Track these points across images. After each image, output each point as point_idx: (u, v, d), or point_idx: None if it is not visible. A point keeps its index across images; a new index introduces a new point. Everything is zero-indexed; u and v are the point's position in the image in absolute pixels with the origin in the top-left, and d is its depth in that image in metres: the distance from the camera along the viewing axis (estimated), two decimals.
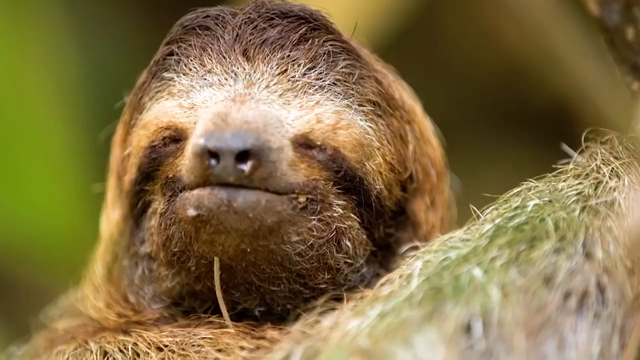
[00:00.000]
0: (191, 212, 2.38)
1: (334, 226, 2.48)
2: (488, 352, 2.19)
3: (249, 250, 2.41)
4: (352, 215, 2.51)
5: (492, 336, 2.20)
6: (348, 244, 2.50)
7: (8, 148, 3.84)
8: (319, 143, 2.46)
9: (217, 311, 2.52)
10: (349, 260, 2.51)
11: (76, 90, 4.12)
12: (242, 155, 2.35)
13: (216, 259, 2.44)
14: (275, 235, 2.41)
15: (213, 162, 2.35)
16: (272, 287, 2.48)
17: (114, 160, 2.66)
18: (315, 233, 2.45)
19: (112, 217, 2.66)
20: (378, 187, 2.53)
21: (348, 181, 2.49)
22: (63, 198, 3.84)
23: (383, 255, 2.58)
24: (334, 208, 2.48)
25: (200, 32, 2.53)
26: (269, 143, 2.38)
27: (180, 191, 2.43)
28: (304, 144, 2.45)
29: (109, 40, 4.33)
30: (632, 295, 2.28)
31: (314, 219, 2.45)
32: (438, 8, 4.45)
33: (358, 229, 2.52)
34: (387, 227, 2.58)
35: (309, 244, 2.45)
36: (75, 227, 3.75)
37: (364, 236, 2.53)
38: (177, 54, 2.53)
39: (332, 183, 2.47)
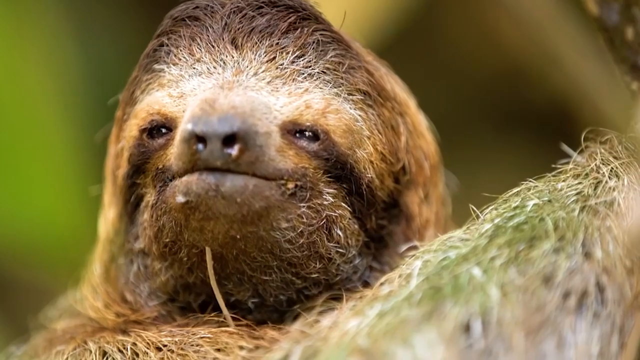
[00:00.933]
0: (180, 198, 2.39)
1: (324, 214, 2.48)
2: (487, 351, 2.19)
3: (238, 236, 2.41)
4: (342, 204, 2.51)
5: (491, 335, 2.20)
6: (339, 233, 2.50)
7: (8, 148, 3.85)
8: (308, 124, 2.46)
9: (213, 306, 2.53)
10: (340, 250, 2.51)
11: (76, 90, 4.13)
12: (229, 139, 2.36)
13: (208, 249, 2.44)
14: (264, 221, 2.41)
15: (200, 146, 2.36)
16: (264, 276, 2.48)
17: (109, 159, 2.67)
18: (305, 220, 2.45)
19: (108, 216, 2.67)
20: (369, 175, 2.54)
21: (338, 169, 2.49)
22: (63, 198, 3.84)
23: (376, 248, 2.58)
24: (324, 196, 2.48)
25: (189, 22, 2.55)
26: (256, 127, 2.39)
27: (170, 180, 2.44)
28: (292, 130, 2.46)
29: (109, 40, 4.33)
30: (631, 295, 2.28)
31: (304, 206, 2.45)
32: (438, 8, 4.45)
33: (349, 218, 2.52)
34: (380, 218, 2.58)
35: (298, 231, 2.45)
36: (75, 227, 3.76)
37: (356, 226, 2.54)
38: (167, 45, 2.54)
39: (322, 171, 2.48)
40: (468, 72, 4.51)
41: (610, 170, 2.44)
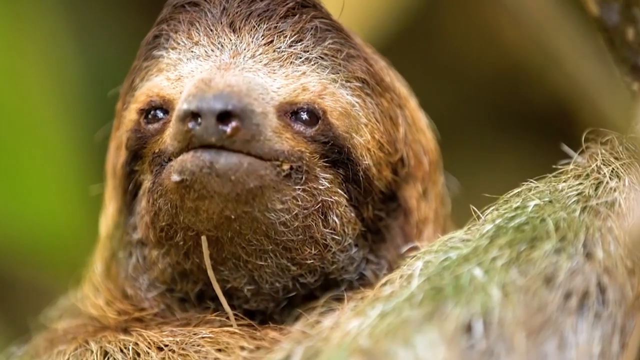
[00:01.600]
0: (175, 177, 2.40)
1: (320, 199, 2.48)
2: (489, 352, 2.19)
3: (233, 216, 2.42)
4: (339, 190, 2.52)
5: (493, 336, 2.20)
6: (335, 219, 2.51)
7: (8, 148, 3.85)
8: (306, 103, 2.47)
9: (210, 296, 2.54)
10: (336, 237, 2.52)
11: (76, 90, 4.13)
12: (224, 116, 2.37)
13: (204, 238, 2.44)
14: (259, 201, 2.41)
15: (195, 123, 2.37)
16: (259, 261, 2.48)
17: (110, 153, 2.68)
18: (299, 203, 2.46)
19: (108, 212, 2.68)
20: (366, 162, 2.54)
21: (335, 153, 2.50)
22: (63, 198, 3.84)
23: (373, 240, 2.58)
24: (320, 181, 2.49)
25: (188, 8, 2.57)
26: (252, 106, 2.40)
27: (167, 162, 2.45)
28: (289, 112, 2.47)
29: (109, 40, 4.34)
30: (633, 296, 2.28)
31: (299, 188, 2.45)
32: (438, 8, 4.46)
33: (346, 205, 2.53)
34: (377, 209, 2.58)
35: (293, 213, 2.45)
36: (75, 227, 3.76)
37: (352, 214, 2.54)
38: (166, 32, 2.56)
39: (318, 156, 2.49)
40: (468, 72, 4.51)
41: (611, 171, 2.45)
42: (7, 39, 3.87)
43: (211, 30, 2.52)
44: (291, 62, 2.50)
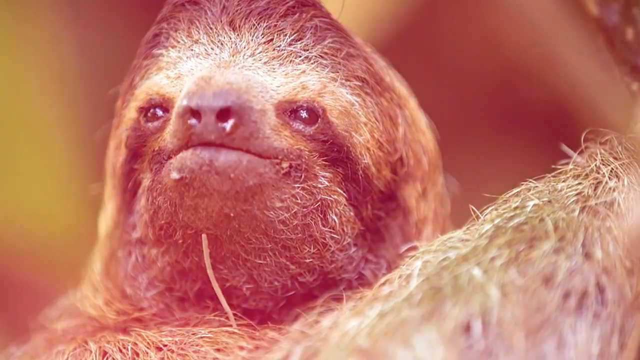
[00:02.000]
0: (174, 175, 2.40)
1: (319, 197, 2.49)
2: (487, 352, 2.19)
3: (232, 214, 2.42)
4: (338, 189, 2.52)
5: (492, 336, 2.20)
6: (334, 218, 2.51)
7: (8, 148, 3.85)
8: (305, 101, 2.48)
9: (209, 295, 2.54)
10: (335, 236, 2.52)
11: (76, 90, 4.13)
12: (224, 114, 2.38)
13: (204, 236, 2.45)
14: (258, 199, 2.42)
15: (195, 121, 2.38)
16: (259, 259, 2.48)
17: (109, 152, 2.68)
18: (299, 201, 2.46)
19: (108, 211, 2.68)
20: (365, 161, 2.55)
21: (334, 151, 2.50)
22: (63, 198, 3.85)
23: (372, 240, 2.59)
24: (319, 179, 2.49)
25: (189, 7, 2.58)
26: (251, 103, 2.41)
27: (166, 160, 2.45)
28: (288, 110, 2.47)
29: (109, 40, 4.34)
30: (631, 295, 2.28)
31: (298, 187, 2.46)
32: (438, 8, 4.46)
33: (345, 204, 2.53)
34: (376, 209, 2.58)
35: (292, 212, 2.45)
36: (75, 228, 3.76)
37: (351, 213, 2.54)
38: (166, 30, 2.57)
39: (317, 154, 2.49)
40: (468, 72, 4.51)
41: (611, 171, 2.45)
42: (7, 39, 3.87)
43: (211, 29, 2.53)
44: (291, 61, 2.51)
